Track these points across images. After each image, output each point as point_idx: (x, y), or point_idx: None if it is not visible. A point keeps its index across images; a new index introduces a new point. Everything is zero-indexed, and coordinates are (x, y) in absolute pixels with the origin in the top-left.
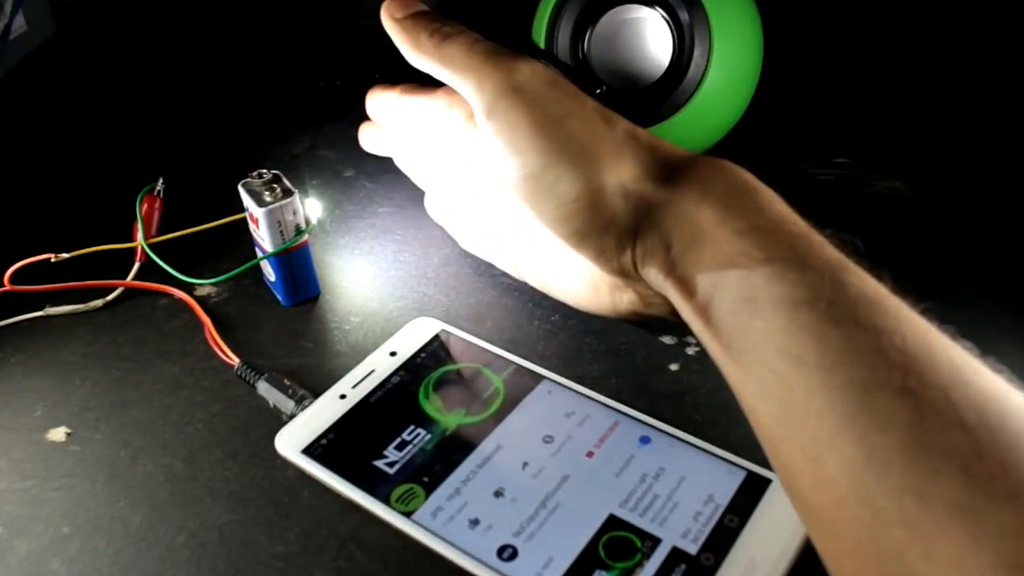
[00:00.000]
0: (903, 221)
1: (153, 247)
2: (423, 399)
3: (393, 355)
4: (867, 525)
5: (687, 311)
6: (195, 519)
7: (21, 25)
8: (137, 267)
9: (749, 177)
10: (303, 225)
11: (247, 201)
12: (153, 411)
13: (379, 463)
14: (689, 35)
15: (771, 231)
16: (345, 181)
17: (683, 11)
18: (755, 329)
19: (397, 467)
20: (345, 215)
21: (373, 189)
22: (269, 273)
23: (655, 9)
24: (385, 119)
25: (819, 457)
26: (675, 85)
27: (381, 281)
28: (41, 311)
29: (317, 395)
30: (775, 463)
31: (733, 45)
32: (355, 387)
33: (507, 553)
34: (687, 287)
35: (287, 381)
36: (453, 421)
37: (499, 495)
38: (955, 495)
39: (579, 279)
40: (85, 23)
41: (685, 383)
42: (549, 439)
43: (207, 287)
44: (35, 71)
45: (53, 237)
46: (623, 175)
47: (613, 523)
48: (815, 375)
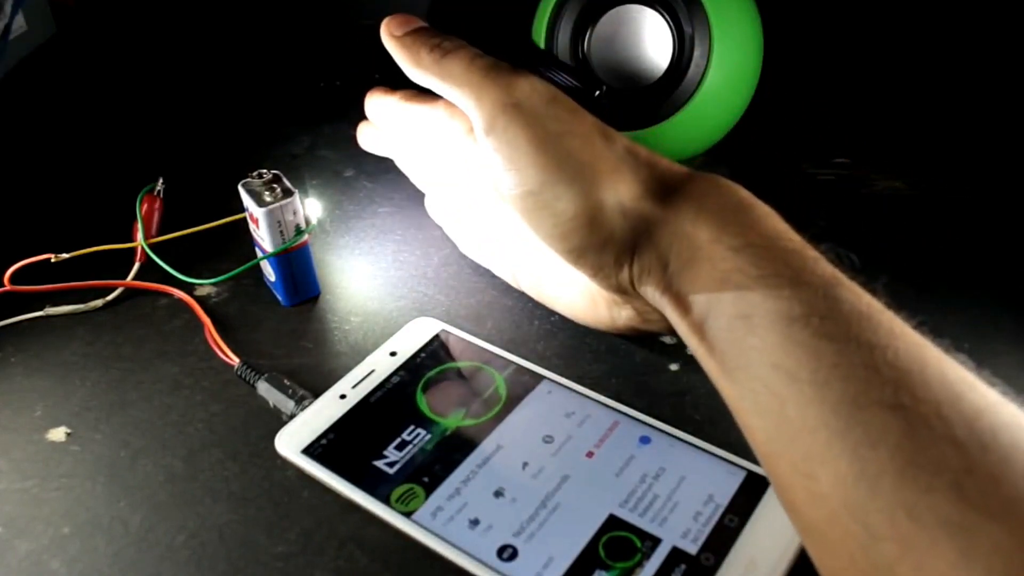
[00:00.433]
0: (903, 221)
1: (153, 247)
2: (423, 399)
3: (393, 355)
4: (860, 540)
5: (683, 328)
6: (195, 519)
7: (21, 25)
8: (137, 267)
9: (745, 194)
10: (303, 225)
11: (247, 201)
12: (153, 411)
13: (379, 463)
14: (689, 35)
15: (766, 247)
16: (345, 181)
17: (683, 11)
18: (750, 346)
19: (397, 467)
20: (345, 215)
21: (373, 189)
22: (269, 273)
23: (655, 9)
24: (383, 123)
25: (812, 473)
26: (675, 85)
27: (381, 281)
28: (41, 311)
29: (317, 395)
30: (771, 478)
31: (733, 45)
32: (355, 387)
33: (507, 553)
34: (683, 304)
35: (287, 381)
36: (453, 421)
37: (499, 495)
38: (947, 511)
39: (577, 293)
40: (85, 23)
41: (685, 383)
42: (549, 439)
43: (207, 287)
44: (35, 71)
45: (53, 237)
46: (621, 193)
47: (613, 523)
48: (808, 391)
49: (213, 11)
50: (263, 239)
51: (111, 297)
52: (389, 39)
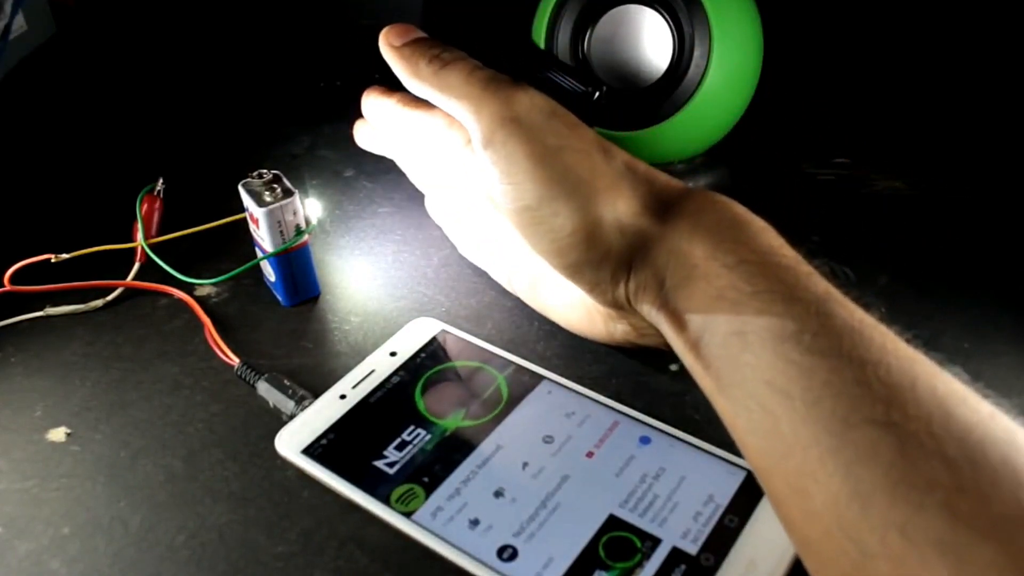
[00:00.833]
0: (903, 221)
1: (153, 247)
2: (423, 400)
3: (393, 355)
4: (852, 558)
5: (679, 345)
6: (195, 519)
7: (21, 25)
8: (137, 267)
9: (740, 209)
10: (303, 225)
11: (247, 201)
12: (153, 411)
13: (379, 463)
14: (689, 35)
15: (759, 264)
16: (345, 181)
17: (683, 11)
18: (744, 363)
19: (397, 467)
20: (345, 215)
21: (373, 189)
22: (269, 273)
23: (655, 9)
24: (380, 125)
25: (805, 490)
26: (675, 85)
27: (381, 281)
28: (41, 311)
29: (317, 395)
30: (767, 493)
31: (733, 45)
32: (355, 387)
33: (507, 553)
34: (679, 321)
35: (287, 381)
36: (453, 422)
37: (499, 495)
38: (938, 530)
39: (574, 306)
40: (85, 23)
41: (685, 383)
42: (549, 439)
43: (207, 287)
44: (35, 71)
45: (53, 237)
46: (619, 209)
47: (613, 523)
48: (800, 408)
49: (213, 11)
50: (263, 239)
51: (111, 297)
52: (388, 49)
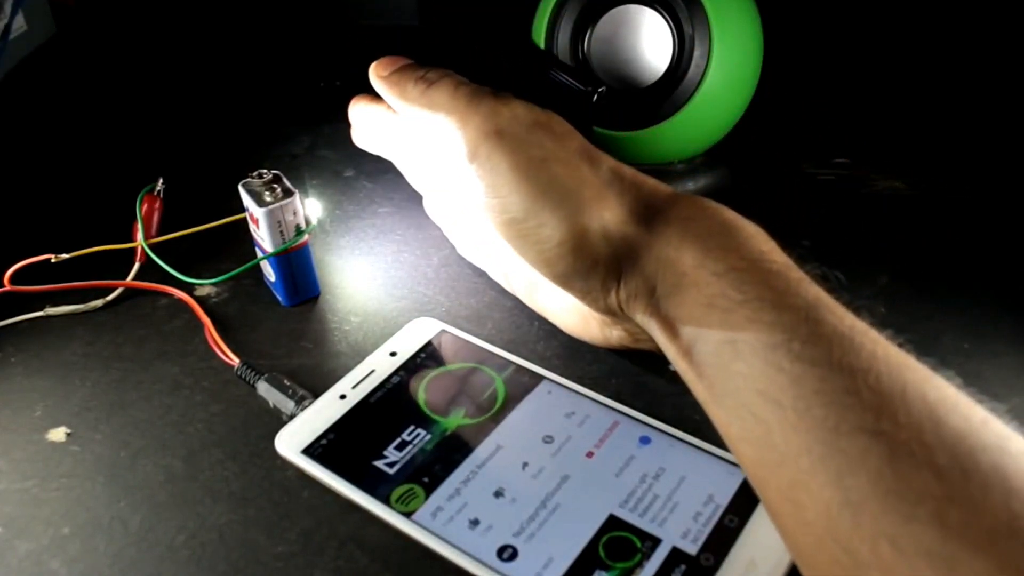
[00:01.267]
0: (903, 221)
1: (153, 247)
2: (423, 399)
3: (393, 355)
4: (845, 567)
5: (672, 351)
6: (195, 519)
7: (21, 25)
8: (137, 267)
9: (729, 215)
10: (303, 225)
11: (247, 201)
12: (153, 411)
13: (379, 463)
14: (689, 35)
15: (748, 270)
16: (345, 181)
17: (683, 11)
18: (736, 371)
19: (397, 467)
20: (345, 215)
21: (373, 189)
22: (269, 273)
23: (655, 9)
24: (371, 133)
25: (798, 499)
26: (675, 85)
27: (381, 281)
28: (41, 311)
29: (317, 395)
30: (763, 502)
31: (733, 45)
32: (355, 387)
33: (507, 553)
34: (671, 329)
35: (287, 381)
36: (453, 421)
37: (499, 495)
38: (929, 541)
39: (570, 311)
40: (85, 23)
41: (685, 383)
42: (549, 439)
43: (207, 287)
44: (35, 71)
45: (53, 237)
46: (606, 218)
47: (613, 523)
48: (791, 417)
49: (213, 11)
50: (263, 239)
51: (111, 297)
52: (377, 80)
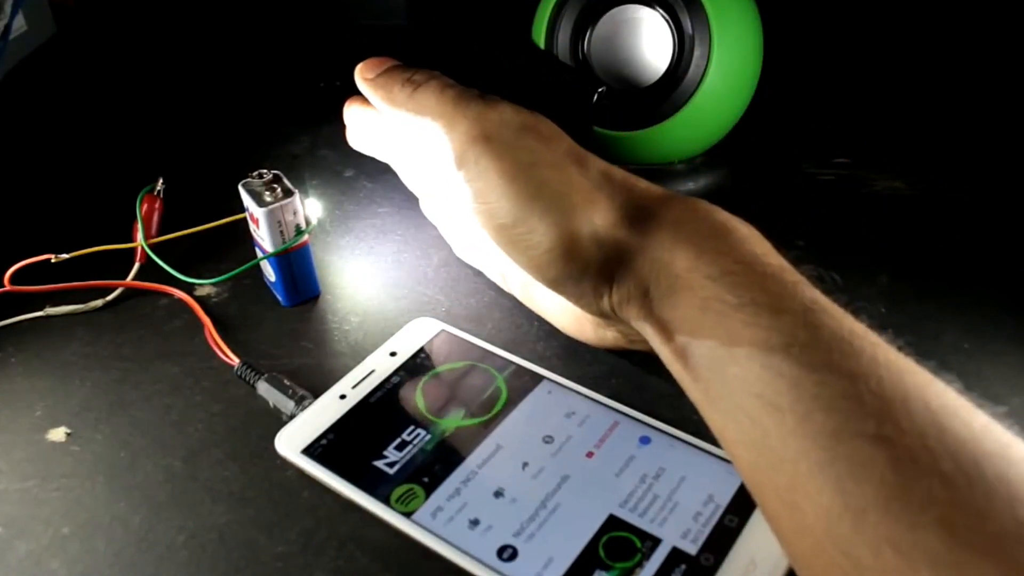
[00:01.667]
0: (903, 221)
1: (153, 247)
2: (423, 399)
3: (393, 355)
4: (845, 572)
5: (666, 354)
6: (195, 519)
7: (21, 25)
8: (137, 267)
9: (723, 217)
10: (303, 225)
11: (247, 201)
12: (153, 411)
13: (379, 463)
14: (689, 35)
15: (743, 274)
16: (345, 181)
17: (683, 11)
18: (732, 375)
19: (397, 467)
20: (345, 215)
21: (373, 189)
22: (269, 273)
23: (655, 9)
24: (365, 135)
25: (796, 503)
26: (675, 85)
27: (381, 281)
28: (41, 311)
29: (317, 395)
30: (759, 506)
31: (733, 45)
32: (355, 387)
33: (507, 553)
34: (666, 332)
35: (287, 381)
36: (453, 422)
37: (499, 495)
38: (934, 548)
39: (565, 312)
40: (85, 23)
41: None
42: (549, 439)
43: (207, 287)
44: (35, 71)
45: (53, 237)
46: (596, 222)
47: (613, 523)
48: (790, 422)
49: (213, 11)
50: (263, 239)
51: (111, 297)
52: (363, 82)
